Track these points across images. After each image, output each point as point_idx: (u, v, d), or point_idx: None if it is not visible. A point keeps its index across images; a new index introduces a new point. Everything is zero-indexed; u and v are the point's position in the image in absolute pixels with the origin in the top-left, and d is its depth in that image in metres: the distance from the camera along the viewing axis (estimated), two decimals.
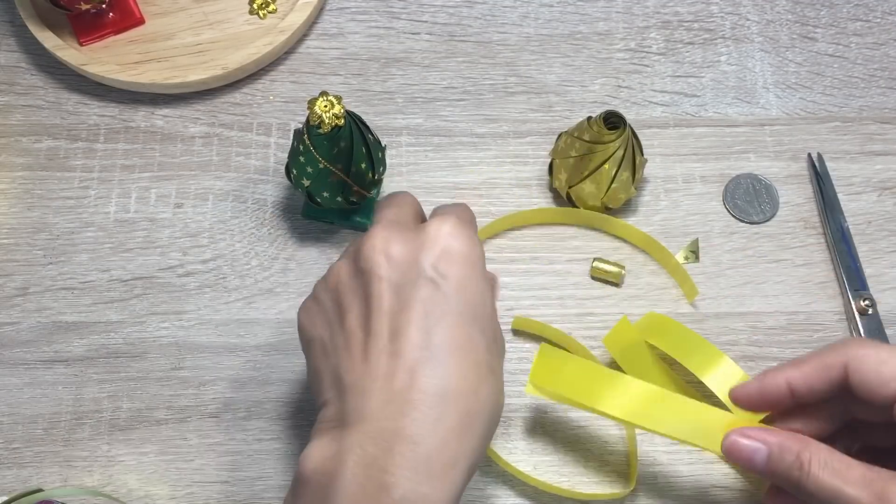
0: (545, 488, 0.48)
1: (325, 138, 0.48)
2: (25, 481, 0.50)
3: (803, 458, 0.38)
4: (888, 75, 0.60)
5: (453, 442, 0.35)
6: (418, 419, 0.35)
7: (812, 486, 0.37)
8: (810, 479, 0.37)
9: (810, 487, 0.37)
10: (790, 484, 0.38)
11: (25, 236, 0.56)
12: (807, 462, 0.38)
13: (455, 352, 0.36)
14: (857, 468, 0.37)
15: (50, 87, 0.60)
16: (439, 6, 0.62)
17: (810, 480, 0.37)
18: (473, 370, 0.37)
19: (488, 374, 0.37)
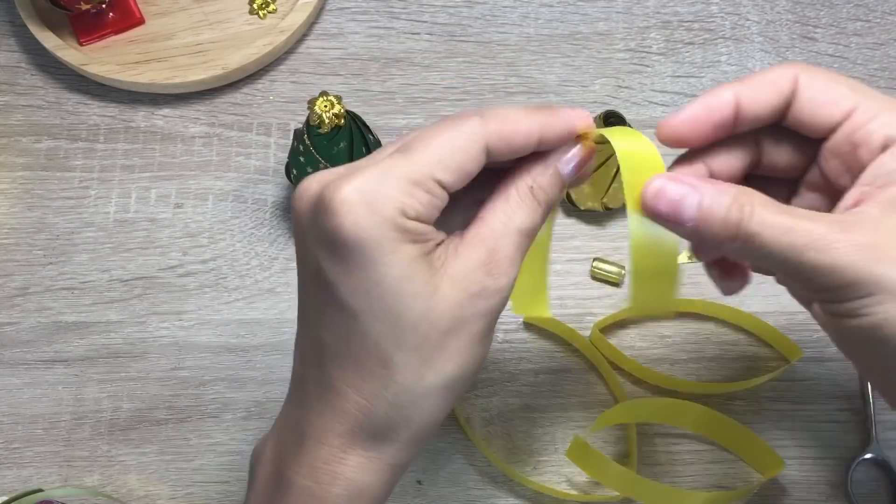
0: (544, 490, 0.48)
1: (325, 138, 0.48)
2: (25, 481, 0.50)
3: (743, 199, 0.32)
4: (888, 75, 0.60)
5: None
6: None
7: (757, 227, 0.31)
8: (754, 219, 0.31)
9: (754, 228, 0.31)
10: (727, 232, 0.32)
11: (25, 236, 0.56)
12: (748, 202, 0.32)
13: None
14: (803, 210, 0.32)
15: (50, 87, 0.60)
16: (439, 6, 0.62)
17: (755, 220, 0.31)
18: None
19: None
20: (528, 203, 0.34)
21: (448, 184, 0.33)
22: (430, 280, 0.33)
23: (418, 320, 0.33)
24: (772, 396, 0.51)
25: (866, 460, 0.49)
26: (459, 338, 0.33)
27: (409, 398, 0.33)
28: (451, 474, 0.50)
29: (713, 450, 0.50)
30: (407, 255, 0.32)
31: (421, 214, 0.33)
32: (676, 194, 0.33)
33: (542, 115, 0.35)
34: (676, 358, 0.52)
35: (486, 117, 0.34)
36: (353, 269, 0.33)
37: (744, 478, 0.49)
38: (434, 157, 0.33)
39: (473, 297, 0.33)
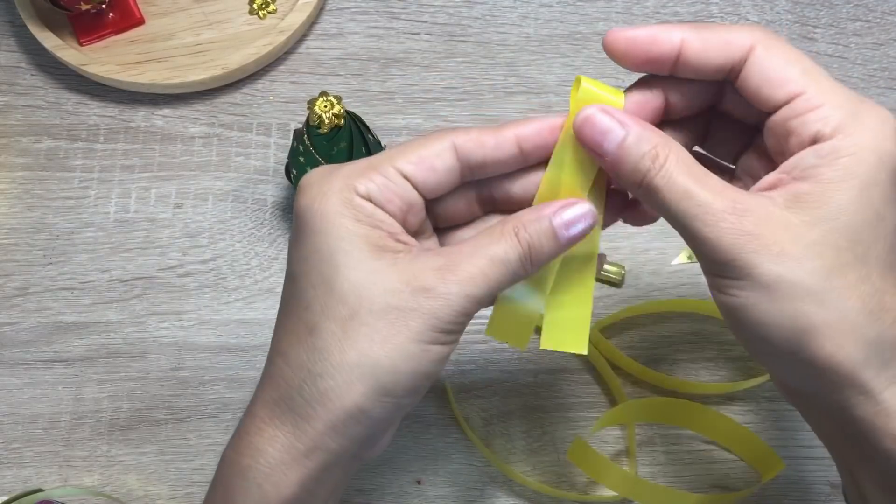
0: (544, 490, 0.48)
1: (325, 138, 0.48)
2: (25, 481, 0.50)
3: (660, 151, 0.33)
4: (888, 75, 0.60)
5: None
6: None
7: (660, 182, 0.32)
8: (661, 173, 0.32)
9: (658, 182, 0.32)
10: (635, 177, 0.33)
11: (25, 236, 0.56)
12: (663, 156, 0.33)
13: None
14: (715, 179, 0.33)
15: (50, 87, 0.60)
16: (439, 6, 0.63)
17: (660, 175, 0.32)
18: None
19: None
20: (508, 239, 0.34)
21: (408, 172, 0.34)
22: (372, 261, 0.33)
23: (348, 292, 0.33)
24: (771, 396, 0.51)
25: None
26: (393, 326, 0.32)
27: (327, 369, 0.33)
28: (451, 474, 0.50)
29: (713, 450, 0.50)
30: (348, 229, 0.33)
31: (372, 193, 0.34)
32: (603, 125, 0.33)
33: (514, 122, 0.36)
34: (676, 358, 0.52)
35: (456, 127, 0.36)
36: (301, 237, 0.34)
37: (744, 478, 0.49)
38: (395, 151, 0.35)
39: (415, 290, 0.33)
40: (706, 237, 0.32)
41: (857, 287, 0.31)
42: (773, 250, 0.31)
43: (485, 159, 0.35)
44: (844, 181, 0.31)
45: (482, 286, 0.33)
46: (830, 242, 0.31)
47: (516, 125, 0.35)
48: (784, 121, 0.33)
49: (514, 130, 0.35)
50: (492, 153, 0.35)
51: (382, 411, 0.33)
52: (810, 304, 0.31)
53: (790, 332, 0.31)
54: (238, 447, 0.35)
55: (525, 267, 0.34)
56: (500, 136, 0.35)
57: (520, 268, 0.34)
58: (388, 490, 0.49)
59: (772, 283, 0.31)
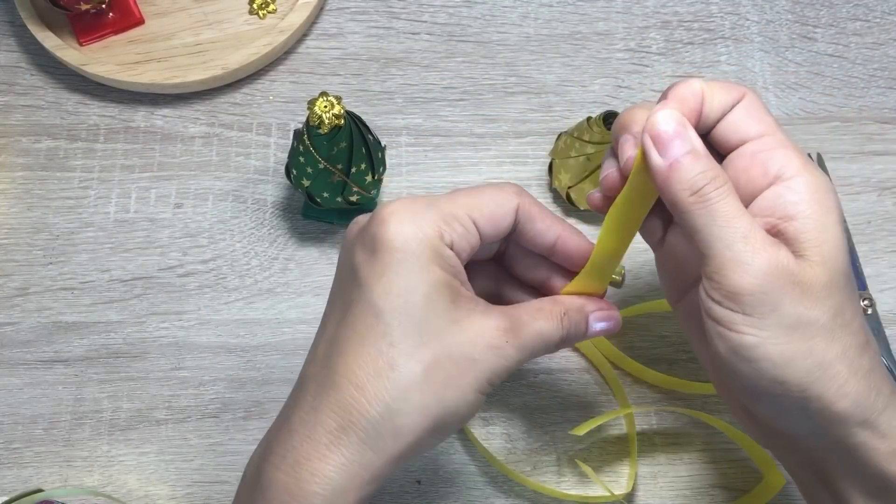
0: (544, 490, 0.48)
1: (325, 138, 0.48)
2: (25, 481, 0.50)
3: (720, 174, 0.34)
4: (888, 75, 0.60)
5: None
6: None
7: (719, 207, 0.34)
8: (718, 191, 0.34)
9: (717, 208, 0.34)
10: (691, 187, 0.34)
11: (25, 236, 0.56)
12: (722, 178, 0.34)
13: None
14: (754, 223, 0.34)
15: (50, 87, 0.60)
16: (439, 6, 0.62)
17: (716, 192, 0.34)
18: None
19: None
20: (555, 320, 0.38)
21: (481, 227, 0.37)
22: (453, 311, 0.36)
23: (432, 340, 0.36)
24: None
25: None
26: (463, 376, 0.35)
27: (407, 408, 0.35)
28: (451, 474, 0.50)
29: (713, 450, 0.50)
30: (437, 277, 0.35)
31: (455, 244, 0.36)
32: (678, 127, 0.35)
33: (567, 224, 0.40)
34: (676, 358, 0.52)
35: (523, 190, 0.39)
36: (388, 271, 0.35)
37: (743, 478, 0.49)
38: (472, 200, 0.37)
39: (488, 347, 0.36)
40: (747, 264, 0.33)
41: (853, 322, 0.34)
42: (796, 291, 0.33)
43: (528, 235, 0.39)
44: (827, 216, 0.34)
45: (527, 354, 0.37)
46: (836, 283, 0.33)
47: (562, 225, 0.40)
48: (751, 154, 0.36)
49: (559, 228, 0.39)
50: (536, 235, 0.39)
51: (433, 445, 0.37)
52: (823, 342, 0.33)
53: (804, 370, 0.33)
54: (297, 473, 0.35)
55: (557, 347, 0.39)
56: (549, 227, 0.39)
57: (553, 347, 0.38)
58: (387, 490, 0.49)
59: (793, 323, 0.33)
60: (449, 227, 0.36)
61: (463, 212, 0.37)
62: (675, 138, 0.34)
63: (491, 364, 0.36)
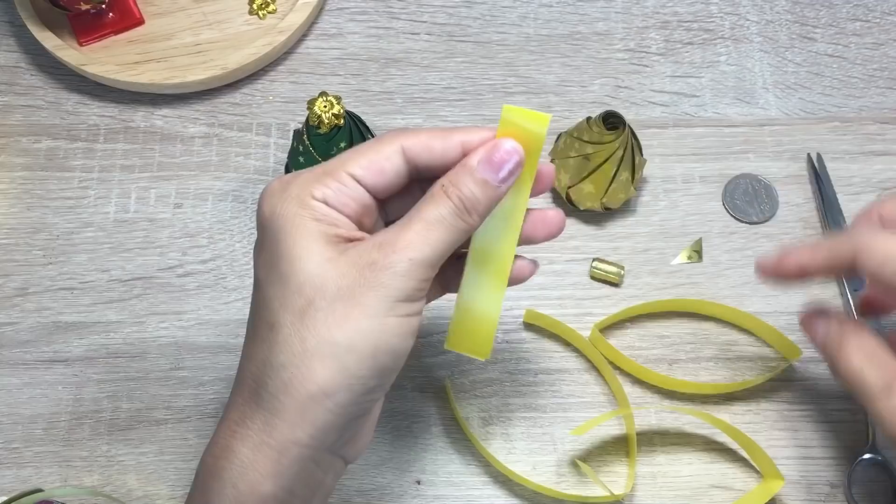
0: (543, 490, 0.48)
1: (325, 138, 0.48)
2: (25, 481, 0.50)
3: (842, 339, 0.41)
4: (887, 75, 0.60)
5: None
6: None
7: (842, 367, 0.40)
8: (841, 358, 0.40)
9: (840, 367, 0.41)
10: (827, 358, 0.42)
11: (25, 236, 0.56)
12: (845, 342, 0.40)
13: None
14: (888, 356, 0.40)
15: (50, 87, 0.60)
16: (438, 6, 0.62)
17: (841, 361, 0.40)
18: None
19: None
20: (437, 198, 0.36)
21: (360, 176, 0.36)
22: (326, 253, 0.34)
23: (304, 283, 0.34)
24: (771, 396, 0.51)
25: (866, 460, 0.49)
26: (348, 306, 0.33)
27: (290, 359, 0.33)
28: (451, 474, 0.50)
29: (713, 450, 0.50)
30: (306, 228, 0.34)
31: (328, 198, 0.35)
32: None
33: (463, 127, 0.38)
34: (676, 358, 0.52)
35: (405, 129, 0.38)
36: (263, 243, 0.36)
37: (743, 478, 0.49)
38: (347, 156, 0.37)
39: (362, 268, 0.34)
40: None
41: None
42: None
43: (431, 162, 0.37)
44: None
45: (423, 248, 0.35)
46: None
47: (463, 132, 0.37)
48: None
49: (460, 136, 0.37)
50: (439, 157, 0.37)
51: (349, 394, 0.34)
52: None
53: None
54: (213, 451, 0.35)
55: (465, 219, 0.36)
56: (447, 141, 0.37)
57: (459, 221, 0.36)
58: (387, 490, 0.49)
59: None
60: (320, 184, 0.35)
61: (339, 169, 0.36)
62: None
63: (374, 283, 0.34)
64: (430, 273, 0.35)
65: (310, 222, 0.35)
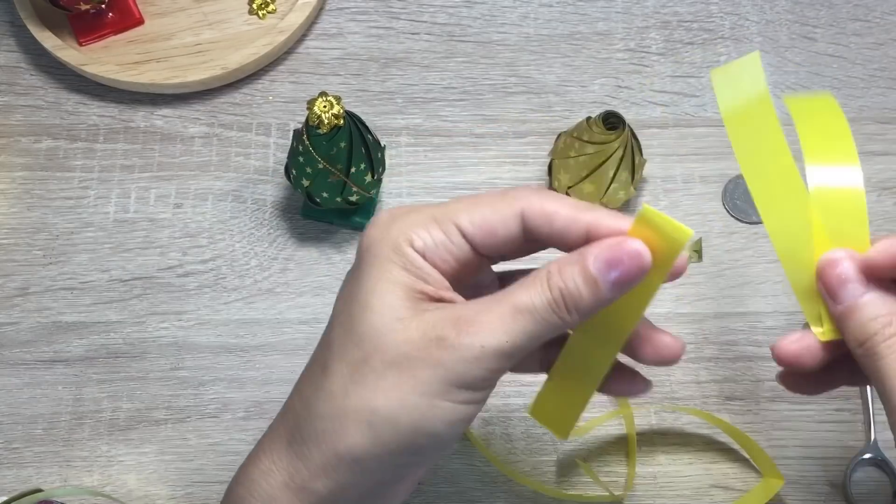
0: (544, 490, 0.48)
1: (325, 139, 0.48)
2: (25, 481, 0.50)
3: (894, 320, 0.33)
4: (888, 75, 0.60)
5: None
6: None
7: (884, 350, 0.32)
8: (888, 342, 0.32)
9: (881, 350, 0.32)
10: (860, 335, 0.33)
11: (25, 236, 0.56)
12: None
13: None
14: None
15: (50, 88, 0.60)
16: (439, 6, 0.62)
17: (887, 343, 0.32)
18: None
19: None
20: (538, 285, 0.32)
21: (469, 233, 0.33)
22: (401, 310, 0.32)
23: (366, 336, 0.31)
24: (772, 396, 0.51)
25: (866, 460, 0.49)
26: (401, 376, 0.31)
27: (329, 411, 0.32)
28: (451, 474, 0.50)
29: (713, 450, 0.50)
30: (391, 277, 0.32)
31: (427, 248, 0.33)
32: (847, 274, 0.34)
33: (598, 208, 0.33)
34: None
35: (536, 189, 0.34)
36: (353, 273, 0.34)
37: (743, 478, 0.49)
38: (463, 206, 0.34)
39: (429, 340, 0.31)
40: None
41: None
42: None
43: (551, 235, 0.33)
44: None
45: (501, 337, 0.31)
46: None
47: (594, 212, 0.33)
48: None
49: (589, 217, 0.33)
50: (559, 233, 0.33)
51: (377, 463, 0.32)
52: None
53: None
54: (238, 476, 0.35)
55: (560, 315, 0.31)
56: (573, 218, 0.33)
57: (552, 316, 0.31)
58: None
59: None
60: (425, 232, 0.33)
61: (448, 218, 0.33)
62: (843, 285, 0.33)
63: (437, 360, 0.31)
64: (503, 364, 0.31)
65: (397, 271, 0.32)
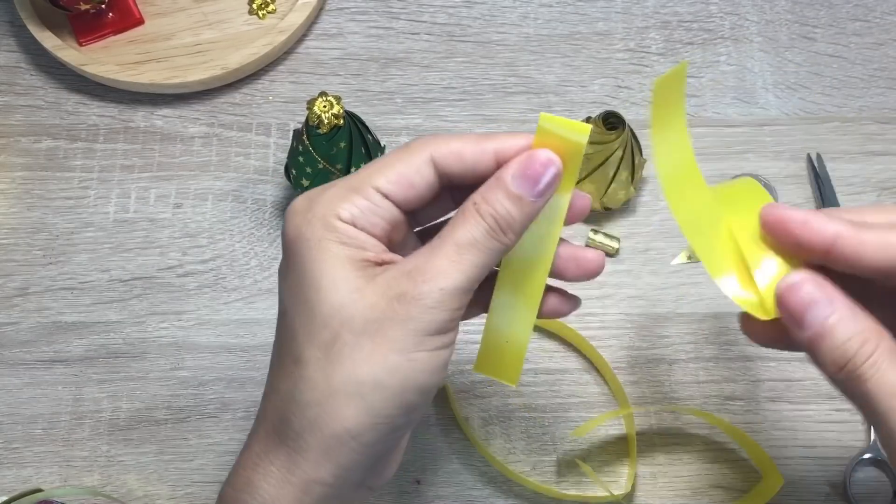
0: (543, 490, 0.48)
1: (325, 138, 0.48)
2: (25, 481, 0.50)
3: (870, 337, 0.30)
4: (887, 75, 0.60)
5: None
6: None
7: (868, 372, 0.29)
8: (869, 362, 0.29)
9: (865, 372, 0.30)
10: (837, 361, 0.30)
11: (25, 236, 0.56)
12: (874, 344, 0.30)
13: None
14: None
15: (50, 87, 0.60)
16: (439, 6, 0.62)
17: (868, 364, 0.29)
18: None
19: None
20: (469, 218, 0.33)
21: (389, 191, 0.33)
22: (354, 281, 0.32)
23: (330, 315, 0.32)
24: (772, 396, 0.51)
25: (866, 460, 0.49)
26: (375, 341, 0.31)
27: (315, 397, 0.32)
28: (450, 474, 0.50)
29: (713, 450, 0.50)
30: (332, 254, 0.32)
31: (356, 218, 0.33)
32: (809, 296, 0.31)
33: (498, 134, 0.34)
34: (676, 358, 0.52)
35: (436, 135, 0.35)
36: (289, 268, 0.34)
37: (743, 478, 0.49)
38: (375, 168, 0.34)
39: (391, 300, 0.32)
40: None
41: None
42: None
43: (464, 172, 0.34)
44: None
45: (455, 275, 0.32)
46: None
47: (497, 139, 0.34)
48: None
49: (494, 145, 0.34)
50: (471, 167, 0.34)
51: (375, 434, 0.32)
52: None
53: None
54: (234, 483, 0.34)
55: (500, 239, 0.33)
56: (479, 150, 0.34)
57: (493, 242, 0.33)
58: (387, 490, 0.49)
59: None
60: (348, 203, 0.33)
61: (365, 183, 0.33)
62: (805, 311, 0.30)
63: (403, 315, 0.31)
64: (463, 300, 0.33)
65: (336, 246, 0.32)
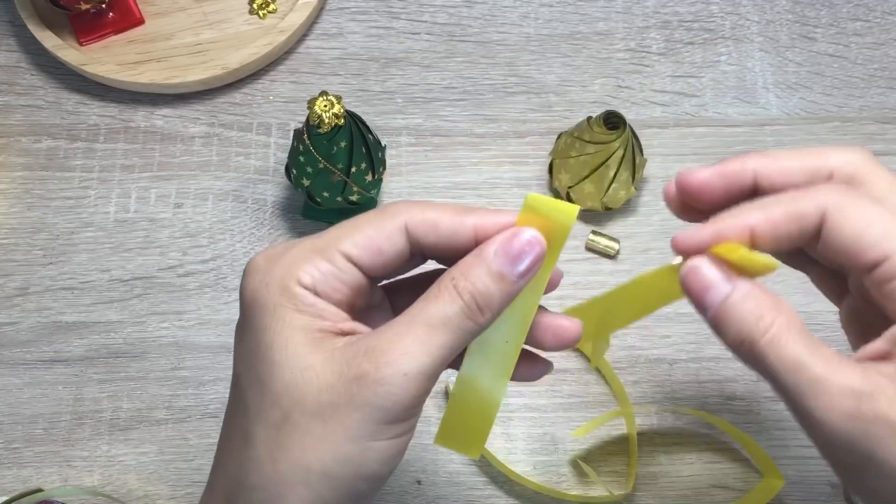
0: (544, 490, 0.48)
1: (325, 138, 0.48)
2: (25, 481, 0.50)
3: (766, 313, 0.29)
4: (888, 75, 0.60)
5: None
6: None
7: (766, 347, 0.29)
8: (766, 337, 0.29)
9: (763, 348, 0.29)
10: (737, 338, 0.30)
11: (25, 236, 0.56)
12: (770, 318, 0.29)
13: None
14: (828, 349, 0.29)
15: (50, 87, 0.60)
16: (439, 6, 0.62)
17: (766, 339, 0.29)
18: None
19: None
20: (446, 295, 0.30)
21: (355, 257, 0.31)
22: (308, 357, 0.30)
23: (281, 394, 0.29)
24: (771, 396, 0.51)
25: None
26: (328, 427, 0.29)
27: (262, 482, 0.30)
28: (451, 474, 0.50)
29: (713, 450, 0.50)
30: (287, 323, 0.30)
31: (317, 282, 0.31)
32: (707, 278, 0.31)
33: (479, 209, 0.32)
34: (677, 357, 0.52)
35: (414, 202, 0.32)
36: (244, 331, 0.32)
37: (743, 478, 0.49)
38: (343, 231, 0.32)
39: (348, 381, 0.29)
40: (820, 420, 0.28)
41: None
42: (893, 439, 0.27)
43: (437, 243, 0.32)
44: None
45: (422, 358, 0.29)
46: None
47: (478, 214, 0.32)
48: (876, 284, 0.29)
49: (474, 220, 0.32)
50: (446, 240, 0.32)
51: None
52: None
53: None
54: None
55: (475, 320, 0.30)
56: (457, 222, 0.32)
57: (468, 322, 0.30)
58: (387, 490, 0.49)
59: (893, 471, 0.28)
60: (310, 266, 0.31)
61: (331, 246, 0.31)
62: (706, 292, 0.31)
63: (362, 401, 0.29)
64: (428, 385, 0.30)
65: (292, 315, 0.30)
